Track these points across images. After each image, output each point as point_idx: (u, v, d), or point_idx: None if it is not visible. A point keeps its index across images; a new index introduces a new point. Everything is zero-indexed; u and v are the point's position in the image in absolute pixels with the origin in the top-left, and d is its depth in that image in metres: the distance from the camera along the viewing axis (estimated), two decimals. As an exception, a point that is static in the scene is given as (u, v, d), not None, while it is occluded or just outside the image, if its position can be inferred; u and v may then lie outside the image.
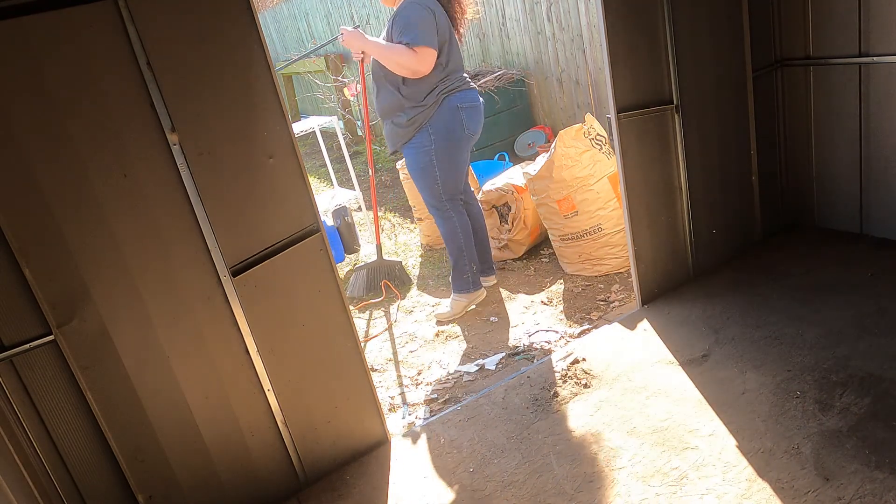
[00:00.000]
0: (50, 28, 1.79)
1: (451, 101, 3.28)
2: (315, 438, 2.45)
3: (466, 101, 3.33)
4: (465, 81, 3.37)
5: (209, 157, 2.07)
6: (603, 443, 2.38)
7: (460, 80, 3.35)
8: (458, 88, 3.32)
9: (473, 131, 3.40)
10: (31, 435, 1.98)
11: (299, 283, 2.31)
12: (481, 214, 3.75)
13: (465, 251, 3.57)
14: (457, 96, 3.30)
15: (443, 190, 3.43)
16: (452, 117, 3.30)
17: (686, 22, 3.00)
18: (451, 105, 3.28)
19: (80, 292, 1.96)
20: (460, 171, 3.46)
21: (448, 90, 3.28)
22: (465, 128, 3.34)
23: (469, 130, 3.37)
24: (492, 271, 3.88)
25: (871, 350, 2.55)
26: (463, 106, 3.32)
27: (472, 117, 3.37)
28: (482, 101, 3.47)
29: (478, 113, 3.40)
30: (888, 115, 3.11)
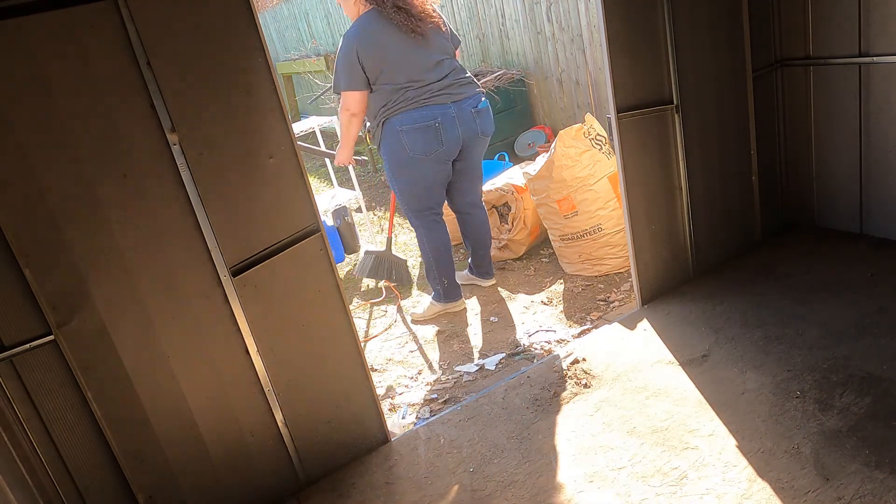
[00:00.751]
0: (50, 28, 1.79)
1: (392, 123, 3.21)
2: (315, 438, 2.45)
3: (408, 122, 3.18)
4: (417, 99, 3.18)
5: (209, 157, 2.07)
6: (603, 443, 2.38)
7: (412, 97, 3.18)
8: (403, 109, 3.18)
9: (422, 152, 3.24)
10: (31, 435, 1.98)
11: (299, 283, 2.31)
12: (481, 226, 3.68)
13: (434, 265, 3.54)
14: (398, 118, 3.19)
15: (406, 206, 3.43)
16: (393, 140, 3.23)
17: (686, 22, 3.00)
18: (392, 128, 3.22)
19: (80, 292, 1.96)
20: (423, 190, 3.36)
21: (391, 112, 3.19)
22: (407, 149, 3.23)
23: (413, 153, 3.23)
24: (489, 275, 3.87)
25: (871, 350, 2.55)
26: (403, 129, 3.19)
27: (416, 139, 3.21)
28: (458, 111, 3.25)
29: (429, 133, 3.21)
30: (888, 114, 3.11)
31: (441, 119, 3.21)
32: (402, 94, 3.17)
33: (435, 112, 3.21)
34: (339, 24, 8.38)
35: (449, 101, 3.24)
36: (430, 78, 3.21)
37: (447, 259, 3.55)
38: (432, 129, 3.22)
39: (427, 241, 3.49)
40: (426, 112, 3.20)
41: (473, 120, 3.32)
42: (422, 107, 3.20)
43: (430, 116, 3.20)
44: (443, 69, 3.24)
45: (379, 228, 5.32)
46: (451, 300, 3.65)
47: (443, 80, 3.23)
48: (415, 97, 3.18)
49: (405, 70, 3.17)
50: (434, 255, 3.51)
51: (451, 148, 3.29)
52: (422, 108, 3.20)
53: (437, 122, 3.21)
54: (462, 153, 3.38)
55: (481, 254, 3.80)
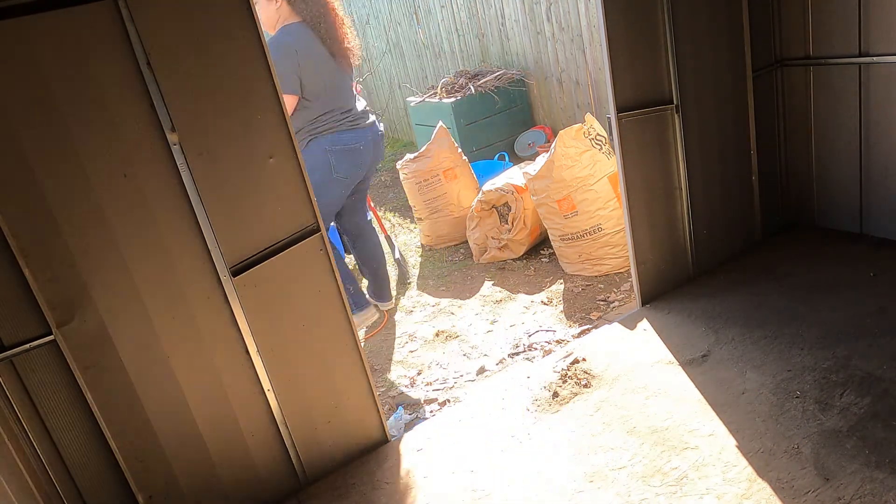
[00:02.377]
0: (50, 28, 1.79)
1: (320, 142, 3.22)
2: (315, 438, 2.45)
3: (339, 143, 3.24)
4: (348, 121, 3.26)
5: (209, 157, 2.07)
6: (603, 443, 2.38)
7: (344, 119, 3.25)
8: (333, 129, 3.23)
9: (344, 174, 3.29)
10: (31, 435, 1.98)
11: (299, 283, 2.31)
12: (376, 245, 3.74)
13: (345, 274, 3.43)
14: (327, 138, 3.23)
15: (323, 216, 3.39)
16: (318, 159, 3.23)
17: (686, 22, 3.00)
18: (320, 147, 3.22)
19: (80, 292, 1.96)
20: (331, 209, 3.37)
21: (320, 131, 3.22)
22: (332, 170, 3.26)
23: (337, 174, 3.27)
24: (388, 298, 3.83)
25: (871, 350, 2.55)
26: (333, 149, 3.23)
27: (342, 160, 3.26)
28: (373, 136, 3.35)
29: (354, 155, 3.29)
30: (888, 114, 3.11)
31: (363, 143, 3.32)
32: (332, 114, 3.23)
33: (359, 135, 3.31)
34: (339, 24, 8.38)
35: (366, 126, 3.37)
36: (352, 104, 3.33)
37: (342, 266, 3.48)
38: (357, 151, 3.31)
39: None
40: (354, 135, 3.29)
41: (379, 146, 3.46)
42: (350, 129, 3.28)
43: (357, 139, 3.30)
44: (356, 99, 3.37)
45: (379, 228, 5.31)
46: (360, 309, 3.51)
47: (355, 108, 3.35)
48: (343, 119, 3.26)
49: (338, 92, 3.25)
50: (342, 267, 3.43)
51: (363, 171, 3.41)
52: (350, 130, 3.28)
53: (362, 146, 3.32)
54: (365, 177, 3.49)
55: (380, 275, 3.77)
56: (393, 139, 8.06)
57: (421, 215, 4.66)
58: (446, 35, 6.88)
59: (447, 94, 6.02)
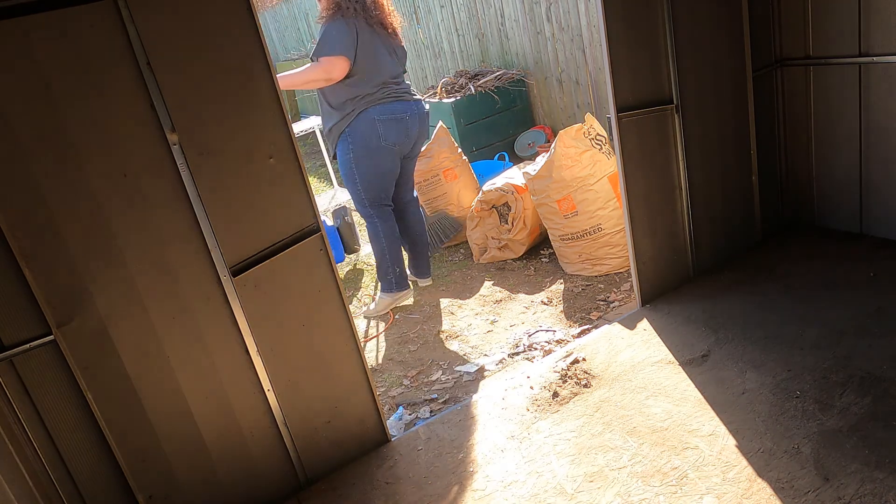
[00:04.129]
0: (50, 28, 1.79)
1: (369, 112, 3.42)
2: (315, 438, 2.45)
3: (386, 113, 3.45)
4: (394, 93, 3.48)
5: (209, 157, 2.07)
6: (603, 443, 2.38)
7: (389, 92, 3.47)
8: (381, 100, 3.44)
9: (393, 142, 3.51)
10: (31, 435, 1.98)
11: (299, 283, 2.31)
12: (421, 222, 3.95)
13: (388, 254, 3.73)
14: (376, 108, 3.43)
15: (365, 196, 3.61)
16: (368, 128, 3.44)
17: (686, 22, 3.00)
18: (369, 117, 3.43)
19: (80, 292, 1.96)
20: (383, 180, 3.60)
21: (368, 102, 3.42)
22: (381, 138, 3.46)
23: (386, 141, 3.48)
24: (427, 274, 4.08)
25: (871, 350, 2.55)
26: (381, 118, 3.44)
27: (391, 129, 3.47)
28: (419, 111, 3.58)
29: (400, 124, 3.50)
30: (888, 114, 3.11)
31: (409, 114, 3.54)
32: (381, 89, 3.45)
33: (405, 107, 3.53)
34: (338, 24, 8.38)
35: (412, 100, 3.59)
36: (396, 79, 3.55)
37: (398, 248, 3.77)
38: (403, 121, 3.52)
39: (382, 230, 3.69)
40: (399, 106, 3.51)
41: (425, 120, 3.67)
42: (396, 101, 3.50)
43: (402, 110, 3.52)
44: (402, 74, 3.61)
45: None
46: (401, 289, 3.83)
47: (403, 83, 3.60)
48: (389, 93, 3.48)
49: (386, 67, 3.48)
50: (388, 244, 3.72)
51: (410, 142, 3.61)
52: (396, 101, 3.50)
53: (407, 116, 3.53)
54: (412, 149, 3.69)
55: (419, 251, 3.99)
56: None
57: (421, 215, 4.65)
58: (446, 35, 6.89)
59: (447, 94, 6.02)
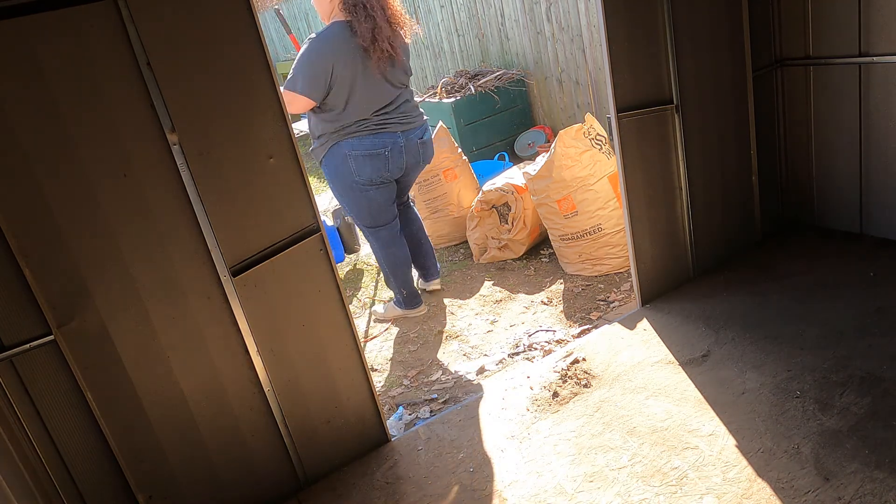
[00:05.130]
0: (50, 28, 1.79)
1: (341, 146, 3.19)
2: (315, 438, 2.45)
3: (360, 148, 3.18)
4: (373, 126, 3.18)
5: (209, 157, 2.07)
6: (603, 443, 2.38)
7: (368, 124, 3.18)
8: (355, 133, 3.17)
9: (368, 178, 3.25)
10: (31, 435, 1.98)
11: (299, 283, 2.31)
12: (416, 221, 3.74)
13: (392, 277, 3.59)
14: (349, 142, 3.17)
15: (359, 222, 3.47)
16: (341, 163, 3.22)
17: (686, 22, 3.00)
18: (340, 151, 3.20)
19: (80, 292, 1.96)
20: (367, 209, 3.36)
21: (341, 134, 3.17)
22: (353, 174, 3.23)
23: (360, 177, 3.24)
24: (434, 275, 3.91)
25: (871, 350, 2.55)
26: (352, 154, 3.19)
27: (365, 165, 3.21)
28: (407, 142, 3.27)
29: (376, 160, 3.21)
30: (888, 114, 3.11)
31: (390, 148, 3.23)
32: (360, 122, 3.17)
33: (385, 140, 3.22)
34: (339, 24, 8.39)
35: (399, 131, 3.26)
36: (386, 108, 3.22)
37: (403, 271, 3.59)
38: (381, 157, 3.23)
39: (382, 255, 3.54)
40: (376, 140, 3.20)
41: (418, 150, 3.36)
42: (373, 134, 3.20)
43: (380, 145, 3.21)
44: (397, 99, 3.25)
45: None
46: (411, 307, 3.71)
47: (395, 110, 3.25)
48: (369, 125, 3.19)
49: (368, 101, 3.16)
50: (390, 269, 3.56)
51: (394, 174, 3.33)
52: (373, 135, 3.20)
53: (387, 151, 3.23)
54: (403, 175, 3.41)
55: (422, 251, 3.80)
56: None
57: (421, 215, 4.65)
58: (446, 35, 6.89)
59: (447, 94, 6.02)
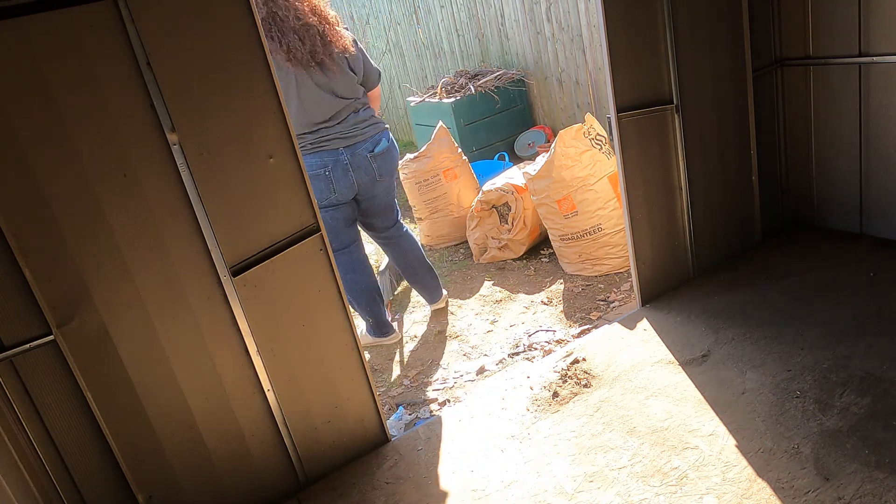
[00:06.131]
0: (50, 28, 1.79)
1: None
2: (315, 438, 2.45)
3: (311, 169, 2.97)
4: (313, 143, 3.01)
5: (209, 157, 2.07)
6: (603, 443, 2.38)
7: (307, 142, 3.01)
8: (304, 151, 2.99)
9: (323, 198, 3.04)
10: (31, 435, 1.98)
11: (299, 283, 2.31)
12: (414, 249, 3.50)
13: (354, 304, 3.33)
14: None
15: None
16: None
17: (686, 22, 3.00)
18: None
19: (80, 292, 1.96)
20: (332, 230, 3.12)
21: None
22: None
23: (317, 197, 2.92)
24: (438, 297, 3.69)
25: (871, 350, 2.55)
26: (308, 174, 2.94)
27: (316, 186, 2.98)
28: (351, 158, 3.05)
29: (315, 181, 2.98)
30: (888, 114, 3.11)
31: (332, 167, 3.03)
32: (309, 132, 3.00)
33: (325, 159, 3.02)
34: (339, 24, 8.38)
35: (341, 147, 3.05)
36: (326, 122, 3.02)
37: (367, 299, 3.34)
38: (322, 177, 3.03)
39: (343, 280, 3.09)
40: (316, 159, 3.02)
41: (370, 164, 3.12)
42: (311, 153, 3.02)
43: (320, 164, 3.02)
44: (342, 112, 3.04)
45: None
46: (381, 336, 3.49)
47: (339, 125, 3.04)
48: (304, 144, 3.01)
49: (308, 111, 2.97)
50: (350, 295, 3.28)
51: (345, 195, 3.11)
52: (311, 154, 3.02)
53: (328, 171, 3.03)
54: (361, 194, 3.19)
55: (421, 279, 3.58)
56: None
57: (421, 215, 4.66)
58: (446, 35, 6.89)
59: (447, 94, 6.02)
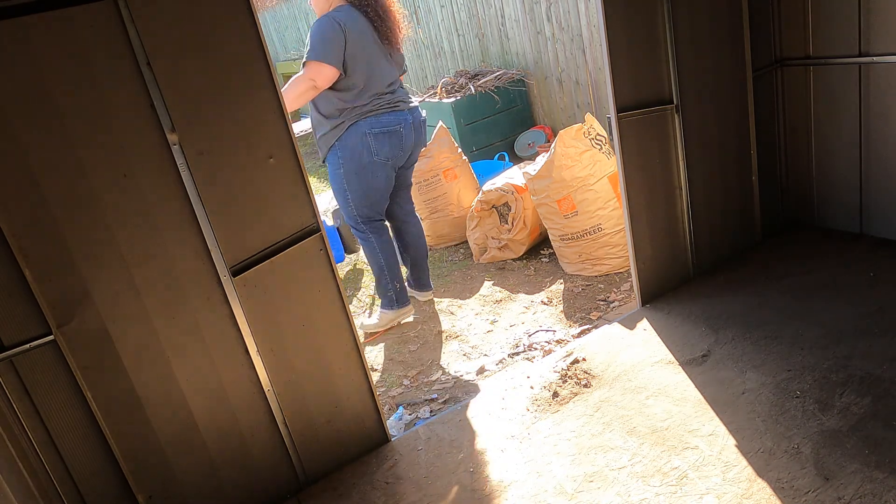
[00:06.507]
0: (50, 28, 1.79)
1: (360, 126, 3.22)
2: (315, 438, 2.46)
3: (378, 126, 3.24)
4: (387, 104, 3.27)
5: (209, 158, 2.07)
6: (603, 443, 2.38)
7: (382, 103, 3.26)
8: (373, 112, 3.24)
9: (386, 156, 3.30)
10: (31, 435, 1.98)
11: (299, 283, 2.31)
12: (419, 235, 3.72)
13: (387, 270, 3.54)
14: (367, 121, 3.22)
15: (357, 213, 3.42)
16: (359, 142, 3.23)
17: (686, 22, 3.00)
18: (359, 130, 3.22)
19: (80, 292, 1.96)
20: (375, 195, 3.39)
21: (359, 114, 3.22)
22: (372, 153, 3.25)
23: (378, 156, 3.27)
24: (428, 287, 3.87)
25: (871, 350, 2.55)
26: (372, 132, 3.23)
27: (384, 142, 3.27)
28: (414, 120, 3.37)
29: (393, 137, 3.29)
30: (888, 114, 3.11)
31: (403, 125, 3.32)
32: (374, 99, 3.24)
33: (399, 118, 3.31)
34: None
35: (405, 109, 3.36)
36: (395, 85, 3.35)
37: (396, 262, 3.57)
38: (397, 134, 3.31)
39: (379, 246, 3.50)
40: (392, 117, 3.29)
41: (421, 129, 3.45)
42: (388, 112, 3.28)
43: (396, 122, 3.30)
44: (395, 83, 3.37)
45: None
46: (402, 305, 3.64)
47: (399, 89, 3.38)
48: (382, 104, 3.27)
49: (380, 76, 3.25)
50: (386, 260, 3.53)
51: (405, 154, 3.41)
52: (388, 112, 3.28)
53: (401, 128, 3.32)
54: (408, 160, 3.48)
55: (420, 265, 3.79)
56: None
57: (421, 215, 4.65)
58: (446, 35, 6.88)
59: (447, 94, 6.02)
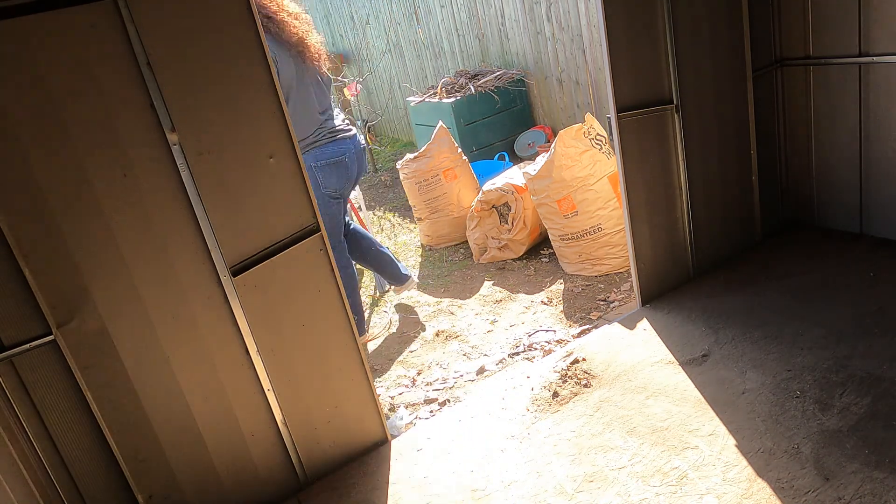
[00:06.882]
0: (50, 28, 1.79)
1: (305, 159, 3.02)
2: (315, 438, 2.45)
3: (323, 157, 3.15)
4: (328, 133, 3.16)
5: (209, 157, 2.07)
6: (603, 443, 2.38)
7: (323, 132, 3.16)
8: (316, 143, 3.15)
9: (335, 188, 3.20)
10: (31, 434, 1.98)
11: (299, 283, 2.31)
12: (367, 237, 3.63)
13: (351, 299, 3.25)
14: (312, 153, 3.14)
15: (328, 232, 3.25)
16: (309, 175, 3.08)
17: (686, 22, 3.00)
18: (307, 165, 3.05)
19: (80, 292, 1.96)
20: (333, 226, 3.25)
21: (306, 147, 3.12)
22: (321, 187, 3.16)
23: (327, 189, 3.18)
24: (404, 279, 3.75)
25: (871, 350, 2.55)
26: (318, 164, 3.14)
27: (331, 175, 3.17)
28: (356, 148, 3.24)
29: (339, 168, 3.18)
30: (888, 114, 3.11)
31: (348, 155, 3.22)
32: (318, 126, 3.13)
33: (343, 147, 3.20)
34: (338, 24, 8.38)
35: (348, 138, 3.26)
36: (331, 114, 3.22)
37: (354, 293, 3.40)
38: (342, 164, 3.20)
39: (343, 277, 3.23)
40: (334, 147, 3.18)
41: (362, 158, 3.36)
42: (332, 141, 3.18)
43: (339, 152, 3.19)
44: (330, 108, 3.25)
45: (379, 228, 5.32)
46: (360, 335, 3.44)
47: (335, 116, 3.26)
48: (324, 133, 3.16)
49: (317, 106, 3.12)
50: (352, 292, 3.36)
51: (350, 184, 3.30)
52: (332, 142, 3.18)
53: (346, 158, 3.21)
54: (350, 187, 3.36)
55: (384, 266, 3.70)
56: (393, 139, 8.06)
57: (421, 215, 4.65)
58: (446, 35, 6.88)
59: (447, 94, 6.02)
